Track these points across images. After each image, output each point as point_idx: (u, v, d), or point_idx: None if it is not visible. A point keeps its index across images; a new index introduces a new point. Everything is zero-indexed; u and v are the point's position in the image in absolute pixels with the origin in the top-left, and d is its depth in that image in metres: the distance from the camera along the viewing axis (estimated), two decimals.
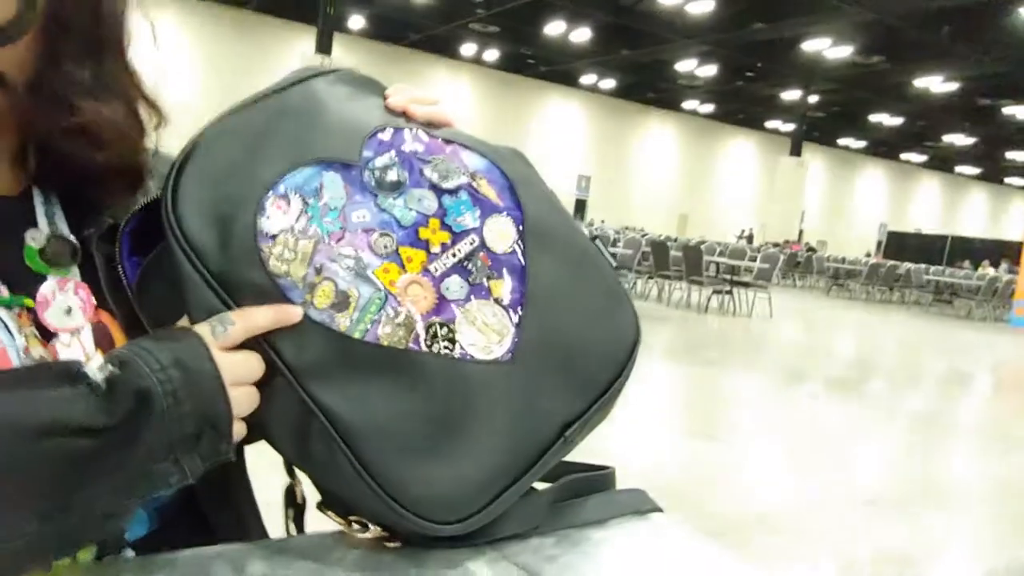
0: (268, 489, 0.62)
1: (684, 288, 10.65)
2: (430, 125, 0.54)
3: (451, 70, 24.73)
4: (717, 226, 29.46)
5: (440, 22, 19.64)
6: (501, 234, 0.50)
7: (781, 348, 8.37)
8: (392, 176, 0.49)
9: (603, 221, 23.23)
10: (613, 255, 0.56)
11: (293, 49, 20.46)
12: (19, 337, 0.46)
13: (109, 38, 0.50)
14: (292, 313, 0.44)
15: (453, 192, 0.50)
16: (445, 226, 0.48)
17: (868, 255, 25.84)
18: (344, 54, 17.78)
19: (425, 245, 0.47)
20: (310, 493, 0.55)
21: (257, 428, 0.47)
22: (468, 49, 23.09)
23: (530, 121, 26.36)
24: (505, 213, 0.51)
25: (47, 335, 0.48)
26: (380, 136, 0.50)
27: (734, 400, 5.44)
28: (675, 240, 14.83)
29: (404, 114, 0.53)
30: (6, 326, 0.46)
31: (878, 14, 14.72)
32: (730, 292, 10.24)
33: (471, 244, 0.49)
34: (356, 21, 20.94)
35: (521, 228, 0.51)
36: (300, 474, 0.52)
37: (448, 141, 0.53)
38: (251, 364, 0.44)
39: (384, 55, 23.14)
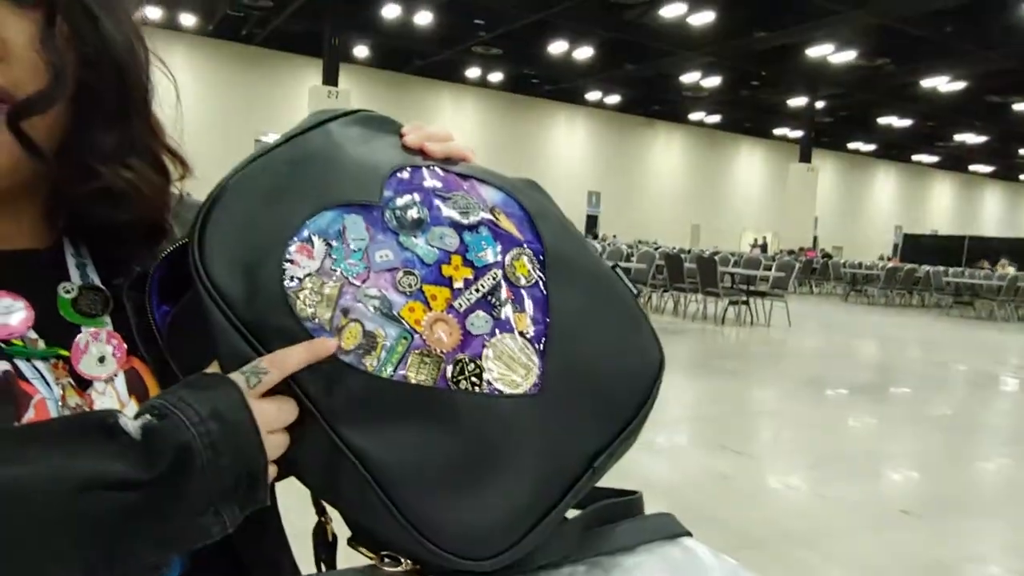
0: (300, 519, 0.62)
1: (700, 300, 10.60)
2: (447, 161, 0.55)
3: (456, 94, 24.97)
4: (730, 235, 29.36)
5: (443, 47, 19.87)
6: (522, 267, 0.50)
7: (802, 357, 8.29)
8: (413, 214, 0.49)
9: (615, 236, 23.23)
10: (627, 271, 0.56)
11: (300, 81, 20.75)
12: (56, 387, 0.47)
13: (135, 100, 0.51)
14: (326, 346, 0.44)
15: (474, 228, 0.50)
16: (467, 262, 0.49)
17: (882, 258, 25.62)
18: (350, 84, 18.00)
19: (448, 282, 0.48)
20: (340, 528, 0.55)
21: (287, 466, 0.48)
22: (472, 72, 23.32)
23: (537, 140, 26.50)
24: (525, 246, 0.51)
25: (82, 383, 0.49)
26: (399, 175, 0.51)
27: (757, 411, 5.39)
28: (688, 252, 14.79)
29: (421, 152, 0.54)
30: (43, 377, 0.47)
31: (880, 17, 14.72)
32: (747, 302, 10.18)
33: (493, 278, 0.49)
34: (361, 51, 21.23)
35: (542, 260, 0.51)
36: (330, 510, 0.53)
37: (465, 176, 0.54)
38: (284, 410, 0.44)
39: (390, 82, 23.41)
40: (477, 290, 0.48)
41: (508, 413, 0.47)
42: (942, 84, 19.73)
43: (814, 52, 17.60)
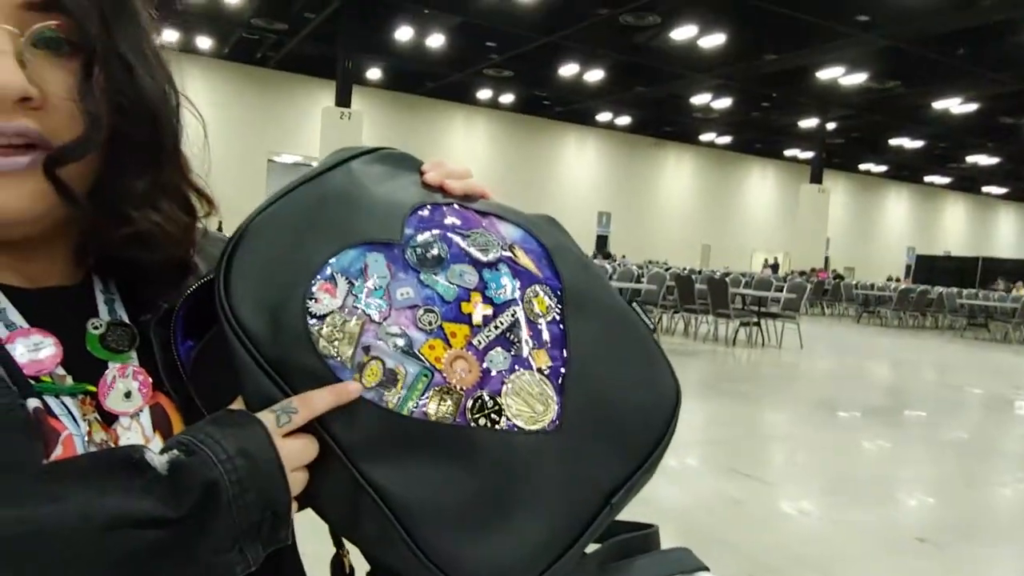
0: (314, 544, 0.62)
1: (711, 321, 10.57)
2: (466, 198, 0.56)
3: (467, 115, 25.17)
4: (740, 256, 29.31)
5: (455, 69, 20.07)
6: (541, 303, 0.51)
7: (815, 379, 8.23)
8: (433, 252, 0.50)
9: (623, 256, 23.24)
10: (638, 292, 0.57)
11: (313, 103, 20.99)
12: (83, 423, 0.48)
13: (166, 147, 0.53)
14: (349, 391, 0.45)
15: (493, 265, 0.51)
16: (486, 299, 0.50)
17: (890, 279, 25.45)
18: (363, 105, 18.20)
19: (468, 319, 0.49)
20: (356, 559, 0.55)
21: (306, 501, 0.48)
22: (484, 94, 23.52)
23: (548, 161, 26.64)
24: (544, 282, 0.52)
25: (108, 419, 0.50)
26: (420, 213, 0.52)
27: (769, 435, 5.34)
28: (699, 273, 14.76)
29: (441, 189, 0.55)
30: (71, 413, 0.48)
31: (891, 40, 14.76)
32: (758, 324, 10.13)
33: (512, 315, 0.50)
34: (373, 73, 21.47)
35: (560, 296, 0.52)
36: (347, 542, 0.53)
37: (484, 213, 0.54)
38: (307, 448, 0.45)
39: (401, 104, 23.64)
40: (496, 327, 0.49)
41: (527, 449, 0.47)
42: (954, 106, 19.72)
43: (824, 74, 17.65)
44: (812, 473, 4.36)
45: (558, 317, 0.51)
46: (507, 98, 23.90)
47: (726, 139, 28.18)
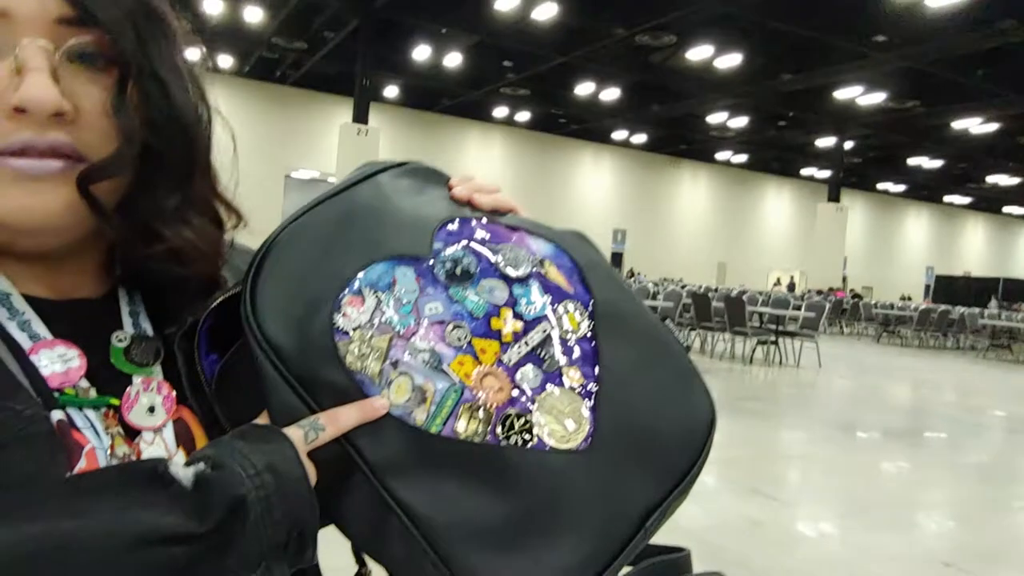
0: (331, 557, 0.61)
1: (727, 339, 10.48)
2: (495, 213, 0.55)
3: (483, 132, 25.31)
4: (756, 274, 29.14)
5: (472, 88, 20.22)
6: (572, 320, 0.50)
7: (834, 399, 8.13)
8: (463, 267, 0.49)
9: (639, 273, 23.16)
10: (654, 309, 0.55)
11: (331, 119, 21.21)
12: (105, 437, 0.48)
13: (199, 163, 0.52)
14: (376, 408, 0.44)
15: (523, 280, 0.50)
16: (517, 315, 0.48)
17: (903, 298, 25.16)
18: (380, 122, 18.36)
19: (497, 335, 0.47)
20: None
21: (331, 519, 0.47)
22: (500, 112, 23.66)
23: (563, 178, 26.70)
24: (575, 298, 0.51)
25: (131, 432, 0.49)
26: (448, 227, 0.51)
27: (788, 455, 5.27)
28: (715, 291, 14.68)
29: (469, 203, 0.54)
30: (94, 426, 0.47)
31: (909, 60, 14.71)
32: (775, 342, 10.04)
33: (543, 332, 0.49)
34: (391, 91, 21.68)
35: (591, 313, 0.51)
36: (369, 560, 0.52)
37: (514, 228, 0.54)
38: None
39: (418, 121, 23.83)
40: (527, 343, 0.48)
41: (559, 469, 0.46)
42: (973, 126, 19.57)
43: (842, 94, 17.60)
44: (832, 494, 4.28)
45: (590, 334, 0.50)
46: (523, 116, 24.02)
47: (742, 157, 28.12)
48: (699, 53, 15.43)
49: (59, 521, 0.35)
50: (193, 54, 0.54)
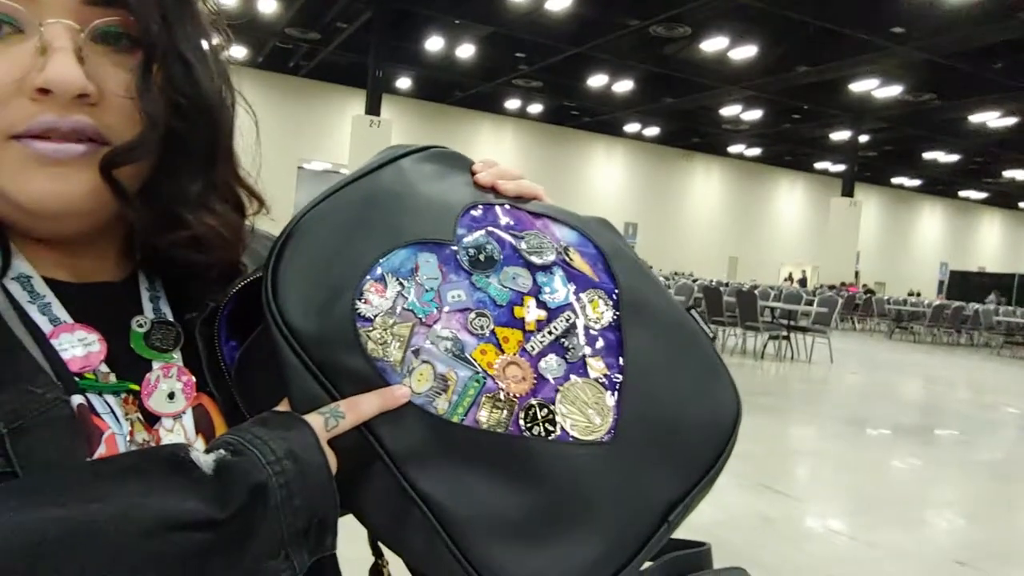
0: (348, 548, 0.61)
1: (739, 334, 10.44)
2: (519, 199, 0.54)
3: (496, 124, 25.25)
4: (768, 268, 28.99)
5: (484, 79, 20.17)
6: (596, 308, 0.49)
7: (846, 395, 8.08)
8: (486, 254, 0.48)
9: (653, 268, 23.06)
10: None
11: (343, 111, 21.23)
12: (124, 423, 0.47)
13: (222, 148, 0.52)
14: (396, 397, 0.44)
15: (547, 268, 0.49)
16: (540, 303, 0.48)
17: (911, 294, 24.95)
18: (392, 114, 18.35)
19: (521, 324, 0.47)
20: (395, 566, 0.53)
21: (351, 509, 0.47)
22: (512, 104, 23.59)
23: (575, 171, 26.61)
24: (599, 287, 0.50)
25: (150, 418, 0.49)
26: (472, 213, 0.50)
27: (799, 450, 5.25)
28: (727, 285, 14.61)
29: (493, 189, 0.54)
30: (113, 412, 0.47)
31: (927, 53, 14.53)
32: (787, 337, 9.99)
33: (567, 320, 0.48)
34: (403, 82, 21.66)
35: (616, 302, 0.50)
36: (387, 551, 0.51)
37: (538, 215, 0.53)
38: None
39: (431, 113, 23.81)
40: (550, 332, 0.47)
41: (582, 461, 0.45)
42: (991, 120, 19.34)
43: (858, 87, 17.42)
44: (843, 491, 4.26)
45: (614, 323, 0.49)
46: (535, 108, 23.94)
47: (755, 151, 27.93)
48: (713, 45, 15.31)
49: (80, 505, 0.35)
50: (214, 40, 0.53)
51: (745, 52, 15.58)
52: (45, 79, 0.43)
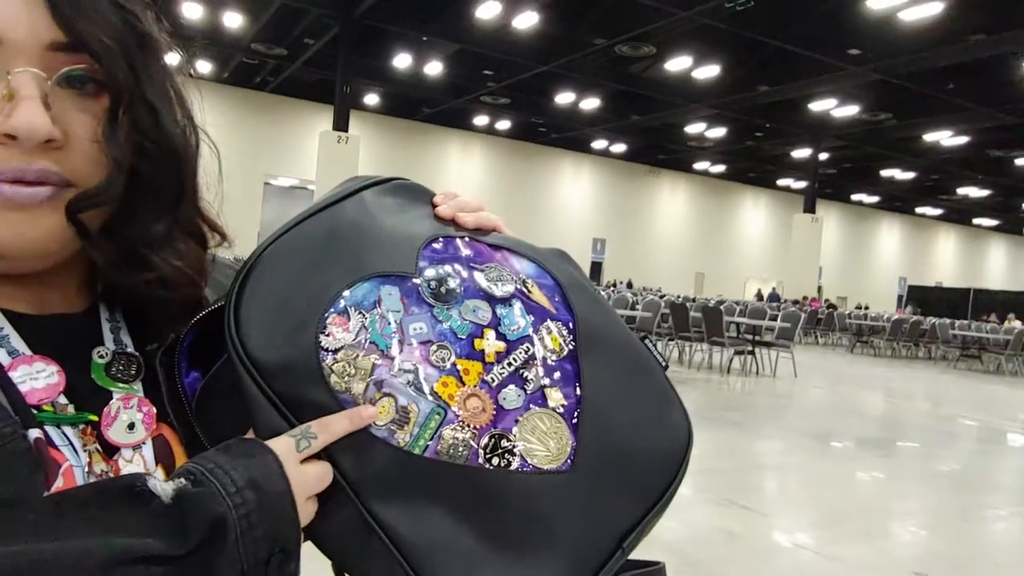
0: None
1: (705, 349, 10.56)
2: (478, 231, 0.55)
3: (464, 140, 25.33)
4: (734, 284, 29.42)
5: (452, 96, 20.24)
6: (554, 340, 0.50)
7: (809, 409, 8.21)
8: (447, 286, 0.49)
9: (620, 282, 23.27)
10: (632, 319, 0.56)
11: (311, 126, 21.11)
12: (83, 454, 0.47)
13: (187, 188, 0.52)
14: (364, 416, 0.44)
15: (506, 300, 0.50)
16: (500, 335, 0.49)
17: (857, 307, 25.52)
18: (360, 130, 18.30)
19: (481, 356, 0.48)
20: None
21: (311, 537, 0.47)
22: (480, 120, 23.70)
23: (543, 187, 26.78)
24: (557, 319, 0.51)
25: (109, 449, 0.49)
26: (434, 246, 0.51)
27: (764, 465, 5.31)
28: (693, 300, 14.79)
29: (453, 222, 0.55)
30: (71, 444, 0.47)
31: (883, 74, 14.99)
32: (752, 352, 10.13)
33: (526, 352, 0.49)
34: (371, 98, 21.64)
35: (573, 333, 0.51)
36: None
37: (497, 247, 0.54)
38: (321, 475, 0.44)
39: (399, 129, 23.80)
40: (510, 364, 0.48)
41: (540, 491, 0.46)
42: (944, 138, 19.98)
43: (817, 106, 17.88)
44: (808, 505, 4.33)
45: (571, 354, 0.50)
46: (503, 124, 24.08)
47: (720, 168, 28.43)
48: (678, 64, 15.61)
49: (37, 541, 0.35)
50: (172, 59, 0.54)
51: (708, 71, 15.90)
52: (12, 126, 0.43)
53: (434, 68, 17.50)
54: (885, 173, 26.06)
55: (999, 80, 14.85)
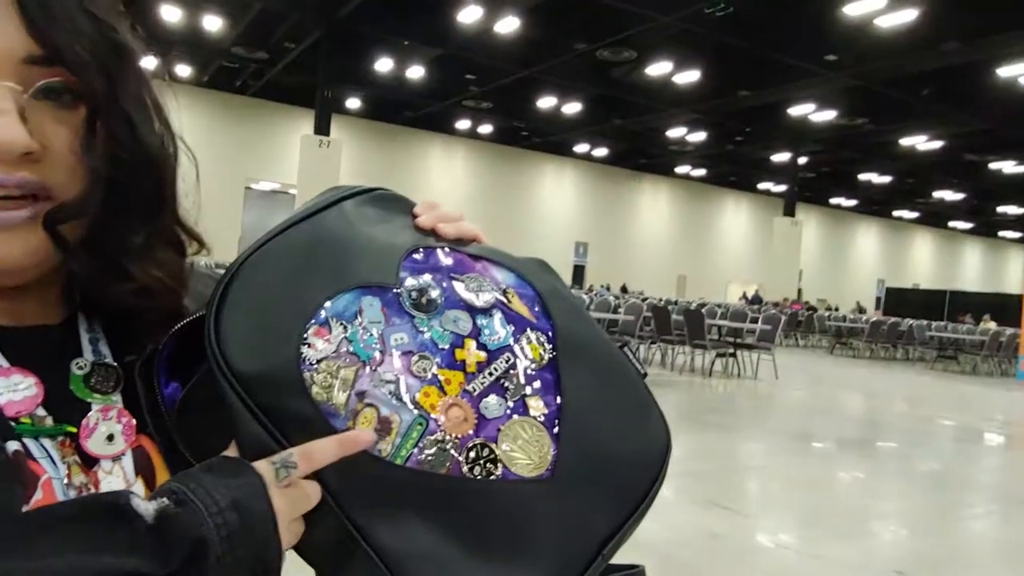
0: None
1: (687, 352, 10.62)
2: (458, 242, 0.55)
3: (446, 144, 25.31)
4: (716, 287, 29.62)
5: (435, 100, 20.23)
6: (534, 349, 0.51)
7: (790, 410, 8.28)
8: (428, 297, 0.49)
9: (602, 286, 23.35)
10: (615, 322, 0.56)
11: (292, 130, 20.98)
12: (62, 466, 0.47)
13: (165, 198, 0.52)
14: (356, 443, 0.43)
15: (486, 310, 0.50)
16: (480, 345, 0.49)
17: (827, 308, 25.82)
18: (342, 134, 18.22)
19: (462, 366, 0.48)
20: None
21: (295, 548, 0.47)
22: (462, 124, 23.70)
23: (526, 191, 26.82)
24: (537, 328, 0.52)
25: (89, 461, 0.48)
26: (415, 256, 0.51)
27: (746, 466, 5.35)
28: (675, 303, 14.87)
29: (433, 232, 0.55)
30: (50, 456, 0.47)
31: (859, 80, 15.20)
32: (734, 355, 10.20)
33: (507, 361, 0.49)
34: (353, 102, 21.56)
35: (553, 342, 0.52)
36: None
37: (477, 257, 0.54)
38: (310, 497, 0.43)
39: (381, 133, 23.73)
40: (491, 373, 0.49)
41: (522, 499, 0.46)
42: (920, 143, 20.27)
43: (796, 111, 18.07)
44: (789, 505, 4.36)
45: (551, 363, 0.51)
46: (485, 128, 24.10)
47: (701, 172, 28.63)
48: (658, 69, 15.70)
49: (19, 560, 0.34)
50: (149, 63, 0.53)
51: (689, 76, 16.02)
52: None
53: (416, 72, 17.47)
54: (863, 177, 26.39)
55: (973, 86, 15.10)
